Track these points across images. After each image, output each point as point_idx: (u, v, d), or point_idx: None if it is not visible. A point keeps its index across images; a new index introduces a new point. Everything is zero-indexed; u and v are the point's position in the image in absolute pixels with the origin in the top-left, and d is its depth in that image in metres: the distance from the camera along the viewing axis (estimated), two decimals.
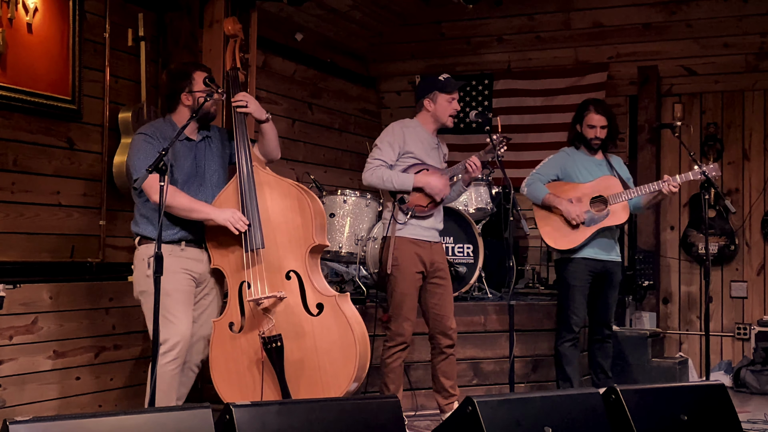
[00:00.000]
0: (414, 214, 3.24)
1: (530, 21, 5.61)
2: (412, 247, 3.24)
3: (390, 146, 3.25)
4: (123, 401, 3.68)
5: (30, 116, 3.36)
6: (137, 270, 2.94)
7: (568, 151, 3.89)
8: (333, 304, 2.85)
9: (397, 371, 3.28)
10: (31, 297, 3.34)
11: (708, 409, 2.65)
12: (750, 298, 5.13)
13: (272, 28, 4.91)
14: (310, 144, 5.30)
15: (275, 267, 2.90)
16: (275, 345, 2.83)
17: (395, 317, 3.27)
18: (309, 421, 2.16)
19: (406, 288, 3.24)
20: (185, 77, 2.95)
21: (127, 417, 1.99)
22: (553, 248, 3.82)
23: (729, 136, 5.22)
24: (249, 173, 2.91)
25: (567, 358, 3.78)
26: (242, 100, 2.95)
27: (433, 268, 3.31)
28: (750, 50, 5.15)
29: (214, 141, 3.04)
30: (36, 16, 3.35)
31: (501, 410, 2.31)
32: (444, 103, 3.29)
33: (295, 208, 2.91)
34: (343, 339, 2.82)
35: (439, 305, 3.32)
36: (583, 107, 3.86)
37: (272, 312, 2.88)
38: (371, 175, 3.23)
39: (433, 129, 3.36)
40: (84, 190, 3.60)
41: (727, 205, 3.87)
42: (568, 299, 3.78)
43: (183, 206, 2.85)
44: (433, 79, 3.34)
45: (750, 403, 4.34)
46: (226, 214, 2.86)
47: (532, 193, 3.82)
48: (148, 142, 2.87)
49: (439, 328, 3.32)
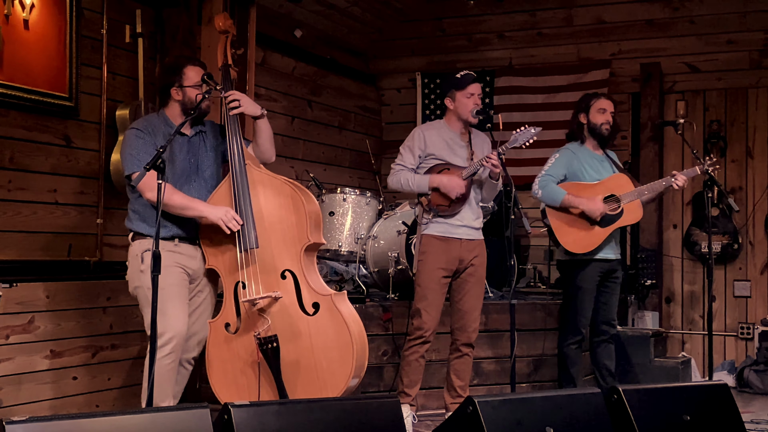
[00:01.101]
0: (437, 213, 3.30)
1: (532, 17, 5.58)
2: (438, 244, 3.30)
3: (410, 150, 3.36)
4: (120, 401, 3.67)
5: (26, 113, 3.34)
6: (131, 266, 2.94)
7: (572, 147, 3.82)
8: (329, 303, 2.84)
9: (414, 365, 3.31)
10: (28, 296, 3.32)
11: (711, 410, 2.63)
12: (753, 297, 5.10)
13: (271, 24, 4.89)
14: (309, 141, 5.28)
15: (270, 266, 2.88)
16: (271, 346, 2.81)
17: (415, 311, 3.32)
18: (308, 421, 2.15)
19: (429, 283, 3.30)
20: (176, 72, 2.95)
21: (124, 417, 1.99)
22: (570, 252, 3.69)
23: (732, 134, 5.18)
24: (242, 172, 2.90)
25: (572, 359, 3.75)
26: (235, 99, 2.93)
27: (462, 266, 3.33)
28: (754, 47, 5.11)
29: (208, 136, 3.03)
30: (33, 13, 3.33)
31: (502, 410, 2.30)
32: (463, 100, 3.33)
33: (289, 206, 2.89)
34: (340, 338, 2.80)
35: (463, 301, 3.35)
36: (588, 97, 3.81)
37: (268, 312, 2.86)
38: (393, 179, 3.38)
39: (459, 127, 3.40)
40: (81, 188, 3.59)
41: (730, 203, 3.84)
42: (577, 301, 3.71)
43: (177, 204, 2.86)
44: (450, 78, 3.42)
45: (753, 403, 4.32)
46: (220, 212, 2.85)
47: (549, 195, 3.71)
48: (139, 137, 2.87)
49: (459, 324, 3.36)
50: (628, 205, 3.67)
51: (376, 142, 5.79)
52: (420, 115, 5.79)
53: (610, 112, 3.74)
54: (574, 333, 3.74)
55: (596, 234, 3.66)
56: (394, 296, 3.91)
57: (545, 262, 5.35)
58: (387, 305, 3.84)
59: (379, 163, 5.73)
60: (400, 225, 3.94)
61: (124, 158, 2.89)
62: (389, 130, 5.91)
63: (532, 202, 5.56)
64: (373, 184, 5.11)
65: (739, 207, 5.01)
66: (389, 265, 3.88)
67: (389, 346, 3.82)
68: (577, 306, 3.72)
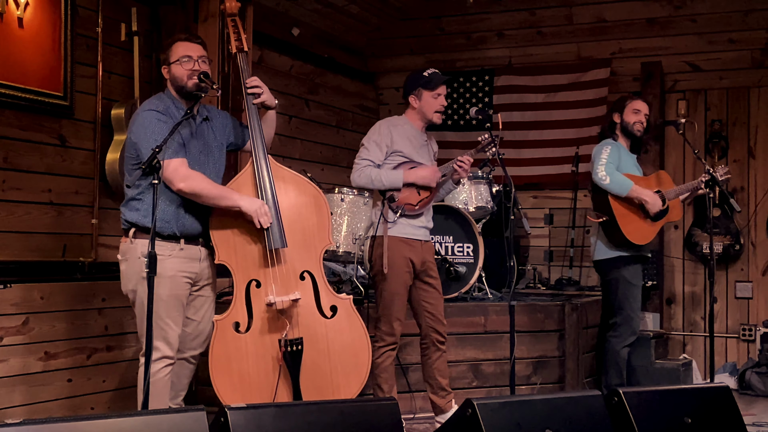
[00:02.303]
0: (404, 212, 3.20)
1: (531, 16, 5.55)
2: (402, 246, 3.20)
3: (377, 145, 3.20)
4: (116, 404, 3.65)
5: (21, 112, 3.32)
6: (130, 266, 2.74)
7: (613, 142, 3.78)
8: (347, 307, 2.82)
9: (390, 370, 3.25)
10: (22, 297, 3.30)
11: (712, 412, 2.61)
12: (755, 298, 5.07)
13: (268, 23, 4.86)
14: (306, 141, 5.25)
15: (290, 267, 2.82)
16: (296, 348, 2.74)
17: (385, 317, 3.23)
18: (306, 424, 2.13)
19: (396, 288, 3.21)
20: (165, 50, 2.83)
21: (120, 420, 1.96)
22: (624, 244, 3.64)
23: (734, 134, 5.16)
24: (267, 166, 2.78)
25: (625, 361, 3.71)
26: (257, 86, 2.81)
27: (423, 267, 3.28)
28: (756, 46, 5.08)
29: (214, 124, 2.89)
30: (27, 11, 3.31)
31: (501, 413, 2.28)
32: (429, 100, 3.23)
33: (311, 206, 2.83)
34: (357, 342, 2.78)
35: (433, 304, 3.30)
36: (624, 98, 3.84)
37: (287, 314, 2.79)
38: (359, 175, 3.17)
39: (422, 126, 3.32)
40: (76, 188, 3.57)
41: (732, 203, 3.82)
42: (632, 300, 3.67)
43: (212, 194, 2.69)
44: (417, 75, 3.25)
45: (755, 405, 4.29)
46: (255, 204, 2.72)
47: (617, 182, 3.62)
48: (161, 120, 2.66)
49: (433, 325, 3.30)
50: (672, 201, 3.70)
51: None
52: None
53: (644, 113, 3.76)
54: (632, 333, 3.68)
55: (650, 227, 3.66)
56: None
57: (545, 263, 5.33)
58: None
59: None
60: None
61: (141, 140, 2.64)
62: None
63: (532, 203, 5.54)
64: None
65: (741, 207, 4.99)
66: None
67: None
68: (633, 304, 3.68)
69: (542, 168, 5.40)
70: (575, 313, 4.14)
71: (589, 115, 5.30)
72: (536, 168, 5.44)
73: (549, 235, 5.41)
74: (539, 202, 5.53)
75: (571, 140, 5.32)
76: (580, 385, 4.08)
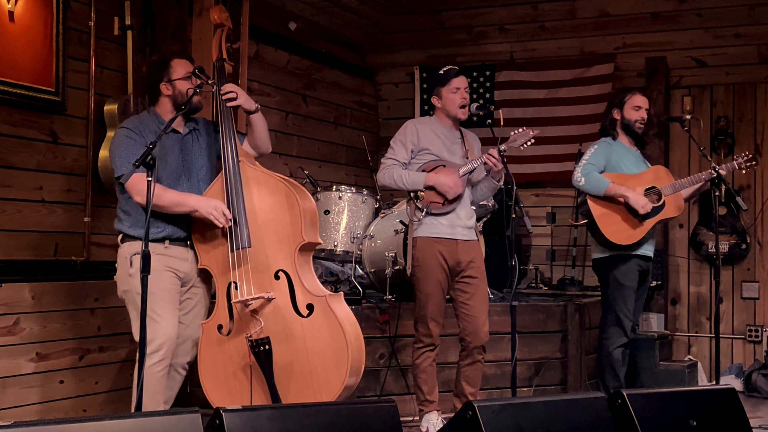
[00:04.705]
0: (429, 211, 3.19)
1: (534, 10, 5.49)
2: (433, 245, 3.19)
3: (402, 145, 3.25)
4: (108, 405, 3.63)
5: (11, 108, 3.30)
6: (120, 269, 2.91)
7: (608, 141, 3.72)
8: (324, 305, 2.78)
9: (429, 371, 3.25)
10: (13, 297, 3.28)
11: (718, 415, 2.59)
12: (762, 299, 5.03)
13: (265, 17, 4.81)
14: (304, 138, 5.21)
15: (263, 266, 2.83)
16: (263, 348, 2.76)
17: (421, 318, 3.24)
18: (302, 426, 2.11)
19: (429, 288, 3.20)
20: (163, 67, 2.91)
21: (113, 422, 1.96)
22: (612, 245, 3.58)
23: (740, 130, 5.11)
24: (235, 169, 2.85)
25: (620, 362, 3.62)
26: (231, 92, 2.88)
27: (460, 267, 3.23)
28: (762, 41, 5.04)
29: (201, 134, 2.99)
30: (18, 4, 3.29)
31: (502, 415, 2.26)
32: (449, 96, 3.26)
33: (284, 205, 2.84)
34: (335, 341, 2.75)
35: (469, 305, 3.25)
36: (622, 92, 3.76)
37: (260, 314, 2.82)
38: (384, 175, 3.25)
39: (450, 124, 3.33)
40: (68, 186, 3.54)
41: (738, 202, 3.76)
42: (621, 300, 3.58)
43: (169, 202, 2.81)
44: (434, 75, 3.34)
45: (762, 408, 4.26)
46: (210, 205, 2.80)
47: (592, 183, 3.57)
48: (130, 138, 2.82)
49: (470, 328, 3.26)
50: (668, 197, 3.61)
51: (373, 139, 5.70)
52: (418, 111, 5.70)
53: (645, 109, 3.68)
54: (621, 334, 3.60)
55: (639, 226, 3.56)
56: (391, 297, 3.85)
57: (547, 263, 5.28)
58: (384, 307, 3.79)
59: (375, 160, 5.62)
60: (398, 224, 3.86)
61: (113, 159, 2.84)
62: (386, 126, 5.82)
63: (534, 201, 5.48)
64: (370, 182, 5.04)
65: (747, 205, 4.94)
66: (386, 266, 3.82)
67: (386, 348, 3.76)
68: (621, 306, 3.59)
69: (544, 165, 5.34)
70: (578, 313, 4.10)
71: (592, 112, 5.24)
72: (538, 165, 5.38)
73: (551, 234, 5.36)
74: (541, 201, 5.47)
75: (574, 137, 5.26)
76: (582, 387, 4.04)
